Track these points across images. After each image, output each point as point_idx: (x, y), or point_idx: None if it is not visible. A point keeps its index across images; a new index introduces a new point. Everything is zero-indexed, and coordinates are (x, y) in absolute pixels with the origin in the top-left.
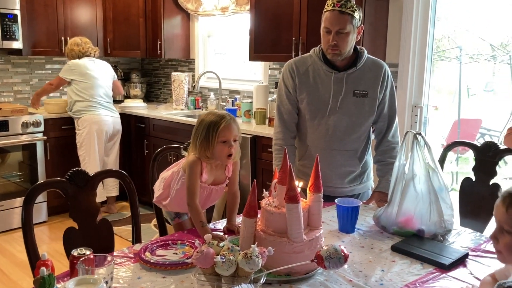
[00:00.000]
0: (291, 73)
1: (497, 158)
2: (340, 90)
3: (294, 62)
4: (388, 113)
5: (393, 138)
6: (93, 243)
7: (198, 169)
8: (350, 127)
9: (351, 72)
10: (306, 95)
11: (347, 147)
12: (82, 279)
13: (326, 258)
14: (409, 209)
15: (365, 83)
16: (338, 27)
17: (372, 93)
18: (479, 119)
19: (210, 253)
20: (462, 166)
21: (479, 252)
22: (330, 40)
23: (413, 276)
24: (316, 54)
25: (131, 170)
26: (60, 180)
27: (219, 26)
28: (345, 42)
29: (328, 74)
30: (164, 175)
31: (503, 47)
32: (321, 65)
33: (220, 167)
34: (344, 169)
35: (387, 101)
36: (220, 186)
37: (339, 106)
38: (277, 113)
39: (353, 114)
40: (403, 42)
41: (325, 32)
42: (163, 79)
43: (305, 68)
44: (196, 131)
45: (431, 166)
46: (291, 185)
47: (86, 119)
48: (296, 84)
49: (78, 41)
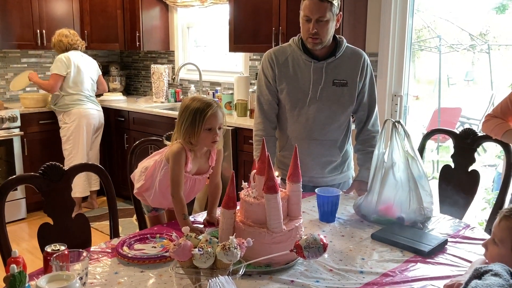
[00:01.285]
0: (270, 63)
1: (475, 145)
2: (319, 80)
3: (273, 52)
4: (368, 102)
5: (373, 127)
6: (70, 239)
7: (183, 159)
8: (330, 116)
9: (330, 61)
10: (285, 85)
11: (328, 137)
12: (55, 276)
13: (305, 247)
14: (388, 197)
15: (345, 72)
16: (318, 15)
17: (352, 82)
18: (459, 108)
19: (187, 246)
20: (443, 155)
21: (458, 239)
22: (311, 28)
23: (393, 263)
24: (296, 44)
25: (111, 164)
26: (33, 175)
27: (198, 17)
28: (325, 30)
29: (307, 63)
30: (145, 164)
31: (482, 36)
32: (301, 54)
33: (203, 156)
34: (324, 159)
35: (367, 90)
36: (203, 176)
37: (319, 95)
38: (257, 104)
39: (333, 103)
40: (383, 31)
41: (305, 20)
42: (142, 71)
43: (284, 57)
44: (181, 117)
45: (410, 154)
46: (270, 175)
47: (74, 113)
48: (276, 74)
49: (67, 33)
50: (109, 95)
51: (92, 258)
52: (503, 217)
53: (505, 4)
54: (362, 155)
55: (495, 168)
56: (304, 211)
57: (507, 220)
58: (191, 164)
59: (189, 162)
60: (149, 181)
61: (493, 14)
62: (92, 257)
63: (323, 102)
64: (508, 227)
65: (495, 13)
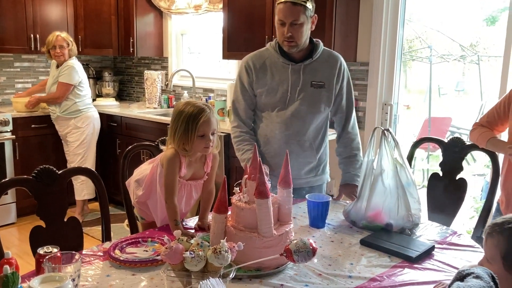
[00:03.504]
0: (246, 69)
1: (463, 154)
2: (298, 81)
3: (250, 58)
4: (346, 104)
5: (352, 129)
6: (62, 242)
7: (177, 164)
8: (308, 117)
9: (307, 63)
10: (264, 89)
11: (305, 138)
12: (47, 277)
13: (295, 251)
14: (377, 203)
15: (322, 74)
16: (292, 18)
17: (329, 84)
18: (449, 118)
19: (179, 249)
20: (433, 164)
21: (445, 245)
22: (285, 32)
23: (381, 268)
24: (273, 47)
25: (103, 169)
26: (26, 178)
27: (192, 24)
28: (300, 33)
29: (285, 66)
30: (140, 171)
31: (472, 47)
32: (278, 57)
33: (198, 161)
34: (301, 160)
35: (344, 93)
36: (199, 182)
37: (297, 97)
38: (233, 109)
39: (310, 104)
40: (374, 41)
41: (279, 24)
42: (135, 77)
43: (262, 62)
44: (174, 123)
45: (399, 161)
46: (261, 181)
47: (88, 117)
48: (253, 80)
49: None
50: (102, 100)
51: (84, 261)
52: (487, 235)
53: (495, 16)
54: (345, 159)
55: (484, 177)
56: (294, 217)
57: (492, 238)
58: (185, 169)
59: (183, 167)
60: (149, 188)
61: (484, 25)
62: (84, 260)
63: (301, 103)
64: (494, 245)
65: (485, 25)
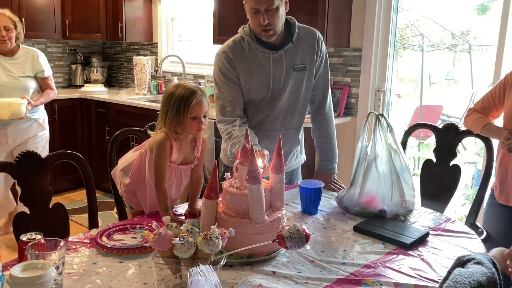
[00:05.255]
0: (229, 62)
1: (457, 140)
2: (281, 70)
3: (228, 50)
4: (323, 82)
5: (329, 110)
6: (46, 229)
7: (168, 149)
8: (293, 105)
9: (288, 48)
10: (247, 82)
11: (291, 126)
12: (29, 264)
13: (287, 237)
14: (371, 189)
15: (301, 55)
16: (266, 4)
17: (310, 65)
18: (440, 106)
19: (168, 235)
20: (424, 152)
21: (439, 231)
22: (262, 20)
23: (375, 255)
24: (248, 35)
25: (91, 156)
26: (9, 162)
27: (182, 8)
28: (277, 18)
29: (266, 55)
30: (126, 159)
31: (463, 36)
32: (257, 47)
33: (188, 145)
34: (287, 148)
35: (322, 69)
36: (189, 166)
37: (282, 86)
38: (220, 108)
39: (294, 91)
40: (367, 28)
41: (253, 13)
42: (124, 63)
43: (241, 53)
44: (165, 105)
45: (393, 147)
46: (253, 166)
47: (45, 117)
48: (238, 73)
49: None
50: (90, 86)
51: (70, 248)
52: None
53: (486, 5)
54: (322, 144)
55: (475, 165)
56: (286, 203)
57: None
58: (176, 154)
59: (174, 151)
60: (137, 176)
61: (474, 14)
62: (69, 247)
63: (286, 91)
64: None
65: (476, 14)
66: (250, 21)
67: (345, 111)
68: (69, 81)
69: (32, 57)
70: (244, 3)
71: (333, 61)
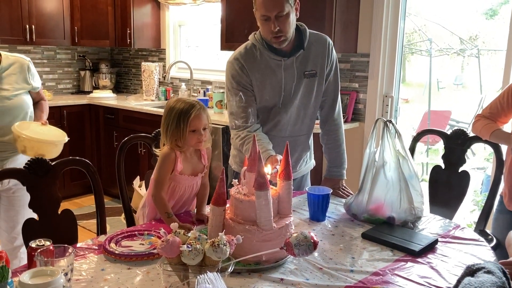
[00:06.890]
0: (242, 70)
1: (465, 146)
2: (292, 77)
3: (240, 57)
4: (333, 88)
5: (339, 116)
6: (55, 235)
7: (171, 161)
8: (304, 112)
9: (299, 55)
10: (259, 89)
11: (301, 132)
12: (38, 271)
13: (295, 245)
14: (379, 196)
15: (312, 62)
16: (276, 10)
17: (320, 71)
18: (449, 111)
19: (176, 242)
20: (432, 157)
21: (448, 238)
22: (272, 27)
23: (383, 262)
24: (260, 43)
25: (100, 162)
26: (18, 169)
27: (190, 15)
28: (287, 24)
29: (277, 62)
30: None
31: (472, 40)
32: (268, 54)
33: (194, 155)
34: (297, 154)
35: (332, 75)
36: (200, 176)
37: (293, 93)
38: (233, 114)
39: (305, 97)
40: (374, 33)
41: (263, 20)
42: (133, 69)
43: (253, 61)
44: (166, 120)
45: (401, 153)
46: (260, 172)
47: None
48: (252, 80)
49: None
50: (98, 92)
51: (78, 254)
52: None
53: (495, 9)
54: (331, 150)
55: (484, 171)
56: (294, 210)
57: None
58: (181, 164)
59: (178, 162)
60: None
61: (483, 19)
62: (78, 254)
63: (297, 97)
64: None
65: (484, 18)
66: (261, 28)
67: (352, 116)
68: (78, 87)
69: (21, 67)
70: (254, 11)
71: (340, 66)
